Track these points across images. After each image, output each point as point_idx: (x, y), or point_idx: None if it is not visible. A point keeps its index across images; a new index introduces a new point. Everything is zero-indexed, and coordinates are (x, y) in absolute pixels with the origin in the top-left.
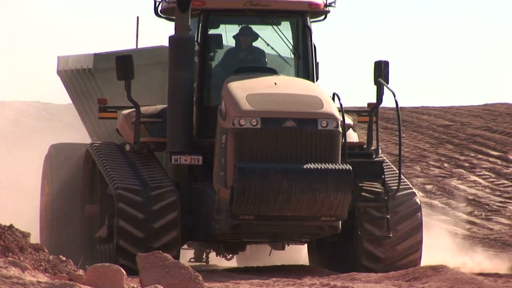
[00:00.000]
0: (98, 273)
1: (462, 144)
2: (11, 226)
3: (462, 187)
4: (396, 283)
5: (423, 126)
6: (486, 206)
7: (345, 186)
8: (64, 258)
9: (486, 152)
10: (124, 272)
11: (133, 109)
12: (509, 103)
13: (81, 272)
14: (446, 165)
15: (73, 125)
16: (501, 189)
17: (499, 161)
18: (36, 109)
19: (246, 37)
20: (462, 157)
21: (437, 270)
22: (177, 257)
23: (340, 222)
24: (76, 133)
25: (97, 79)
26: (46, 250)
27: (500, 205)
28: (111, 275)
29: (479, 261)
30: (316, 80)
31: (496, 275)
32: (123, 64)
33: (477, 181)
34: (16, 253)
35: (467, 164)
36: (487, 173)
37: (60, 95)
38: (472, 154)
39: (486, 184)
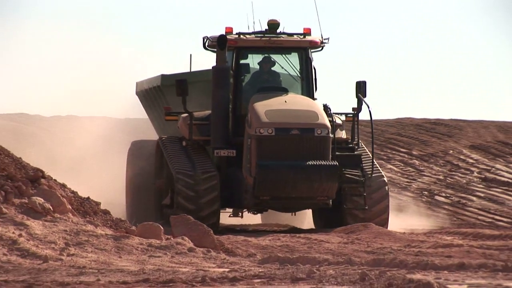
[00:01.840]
0: (145, 228)
1: (382, 144)
2: (88, 198)
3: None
4: (339, 235)
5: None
6: (398, 185)
7: (334, 177)
8: (123, 219)
9: (397, 149)
10: (162, 228)
11: (188, 115)
12: (413, 117)
13: (134, 228)
14: None
15: (145, 130)
16: (407, 174)
17: (406, 155)
18: (117, 121)
19: (266, 64)
20: (382, 153)
21: (366, 226)
22: (217, 221)
23: (330, 200)
24: (148, 133)
25: (163, 93)
26: (111, 213)
27: (407, 184)
28: (153, 230)
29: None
30: (316, 90)
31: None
32: (180, 85)
33: (392, 168)
34: (91, 216)
35: (385, 157)
36: (398, 163)
37: (135, 112)
38: (388, 151)
39: (398, 170)
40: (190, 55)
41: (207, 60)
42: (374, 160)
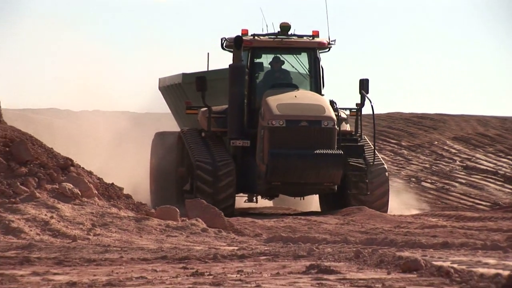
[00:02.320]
0: (163, 211)
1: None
2: (112, 184)
3: None
4: (336, 217)
5: None
6: (388, 172)
7: (339, 165)
8: (143, 202)
9: (388, 141)
10: (178, 211)
11: (207, 108)
12: (402, 112)
13: (153, 210)
14: None
15: (164, 123)
16: (397, 162)
17: (396, 146)
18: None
19: (276, 63)
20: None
21: (360, 209)
22: (233, 204)
23: (336, 186)
24: (166, 126)
25: (184, 89)
26: (132, 197)
27: (396, 171)
28: (170, 212)
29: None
30: (323, 88)
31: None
32: (200, 81)
33: (383, 157)
34: (115, 199)
35: (377, 148)
36: (389, 153)
37: (157, 106)
38: (380, 142)
39: (388, 159)
40: (208, 53)
41: (224, 59)
42: (375, 150)
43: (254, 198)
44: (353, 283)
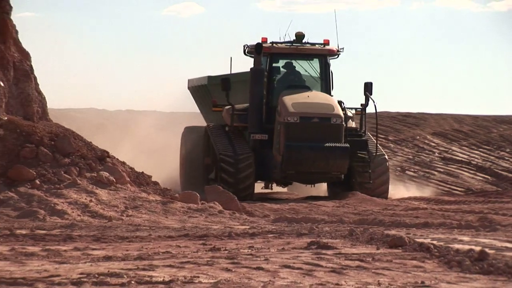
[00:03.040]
0: (185, 195)
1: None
2: (142, 172)
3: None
4: (333, 201)
5: None
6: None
7: (345, 156)
8: (169, 188)
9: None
10: (198, 195)
11: (230, 106)
12: (389, 111)
13: (177, 195)
14: None
15: (188, 120)
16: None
17: (384, 140)
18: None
19: (292, 67)
20: None
21: (353, 194)
22: (252, 192)
23: (342, 175)
24: (196, 122)
25: (209, 90)
26: (159, 183)
27: None
28: (191, 197)
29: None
30: (332, 89)
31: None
32: (225, 82)
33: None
34: (145, 186)
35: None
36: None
37: (185, 104)
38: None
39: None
40: (231, 58)
41: (245, 64)
42: (377, 144)
43: (270, 185)
44: (347, 257)
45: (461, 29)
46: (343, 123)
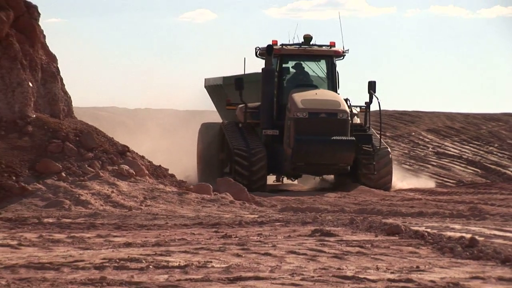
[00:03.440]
0: (199, 187)
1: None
2: (159, 165)
3: None
4: (335, 192)
5: None
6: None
7: (351, 149)
8: (184, 180)
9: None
10: (211, 187)
11: (244, 104)
12: (387, 109)
13: (191, 186)
14: None
15: (202, 117)
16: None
17: (382, 136)
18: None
19: (301, 67)
20: None
21: (354, 186)
22: (264, 184)
23: (348, 166)
24: (212, 119)
25: (224, 89)
26: (175, 176)
27: None
28: (205, 188)
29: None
30: (338, 88)
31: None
32: (238, 82)
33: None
34: (162, 178)
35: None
36: None
37: (201, 103)
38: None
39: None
40: (244, 58)
41: (256, 65)
42: (381, 138)
43: (281, 179)
44: (348, 244)
45: (453, 34)
46: (349, 118)
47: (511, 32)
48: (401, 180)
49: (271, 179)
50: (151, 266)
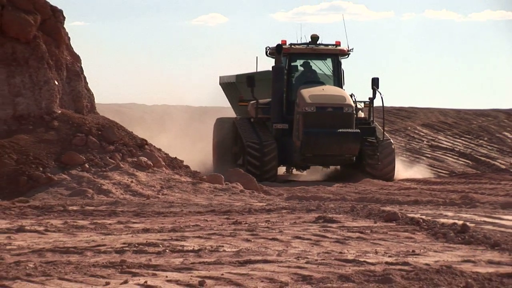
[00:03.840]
0: (212, 177)
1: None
2: (175, 157)
3: None
4: (337, 182)
5: None
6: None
7: (356, 140)
8: (198, 171)
9: None
10: (223, 177)
11: (255, 101)
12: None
13: (205, 176)
14: None
15: (215, 114)
16: None
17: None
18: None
19: (305, 66)
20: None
21: (360, 177)
22: (275, 174)
23: (354, 157)
24: (225, 114)
25: (237, 87)
26: (190, 167)
27: None
28: (217, 178)
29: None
30: (343, 85)
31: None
32: (250, 79)
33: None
34: (177, 169)
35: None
36: None
37: (215, 99)
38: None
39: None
40: (257, 57)
41: (267, 64)
42: (384, 131)
43: (290, 170)
44: (349, 230)
45: (446, 36)
46: (354, 111)
47: (500, 34)
48: (404, 170)
49: (281, 170)
50: (167, 250)
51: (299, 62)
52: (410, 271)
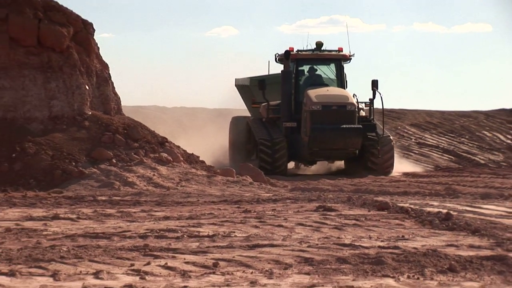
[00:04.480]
0: (224, 171)
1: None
2: (192, 153)
3: None
4: (335, 175)
5: None
6: (392, 142)
7: (359, 135)
8: (212, 166)
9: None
10: (234, 171)
11: (266, 103)
12: (376, 107)
13: (218, 170)
14: None
15: (229, 115)
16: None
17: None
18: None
19: (311, 71)
20: None
21: (367, 174)
22: (285, 169)
23: (357, 151)
24: (240, 114)
25: (251, 89)
26: (205, 161)
27: None
28: (229, 172)
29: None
30: (346, 87)
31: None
32: (261, 83)
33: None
34: (194, 163)
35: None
36: None
37: (230, 101)
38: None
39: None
40: (269, 61)
41: (278, 69)
42: (384, 128)
43: (299, 165)
44: (346, 217)
45: (432, 46)
46: (356, 109)
47: (479, 44)
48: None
49: (290, 165)
50: (185, 236)
51: (305, 68)
52: (400, 254)
